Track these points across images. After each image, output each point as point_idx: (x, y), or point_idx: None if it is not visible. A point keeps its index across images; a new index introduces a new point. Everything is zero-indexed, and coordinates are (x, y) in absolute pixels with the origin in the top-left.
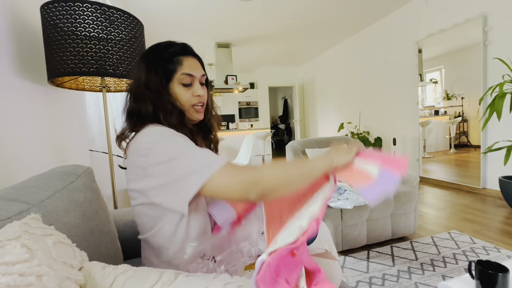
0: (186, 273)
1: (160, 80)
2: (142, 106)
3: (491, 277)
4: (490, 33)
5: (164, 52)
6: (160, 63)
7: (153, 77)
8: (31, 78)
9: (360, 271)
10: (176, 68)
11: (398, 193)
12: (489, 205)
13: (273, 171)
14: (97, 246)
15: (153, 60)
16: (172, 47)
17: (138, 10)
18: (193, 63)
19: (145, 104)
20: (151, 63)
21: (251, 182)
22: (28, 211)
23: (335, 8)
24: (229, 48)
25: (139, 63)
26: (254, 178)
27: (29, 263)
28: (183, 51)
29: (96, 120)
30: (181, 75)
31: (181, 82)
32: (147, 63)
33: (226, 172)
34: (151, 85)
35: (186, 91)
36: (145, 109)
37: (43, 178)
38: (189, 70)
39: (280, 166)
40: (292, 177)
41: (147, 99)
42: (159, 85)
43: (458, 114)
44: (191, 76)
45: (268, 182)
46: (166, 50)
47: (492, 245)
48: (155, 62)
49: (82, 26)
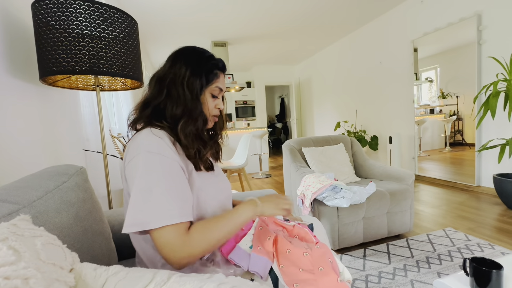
0: (180, 273)
1: (201, 85)
2: (172, 105)
3: (485, 274)
4: (484, 32)
5: (208, 62)
6: (204, 71)
7: (197, 80)
8: (22, 77)
9: (356, 269)
10: (213, 80)
11: (394, 191)
12: (484, 202)
13: (205, 240)
14: (90, 246)
15: (198, 65)
16: (214, 60)
17: (133, 8)
18: (223, 79)
19: (176, 103)
20: (196, 67)
21: (182, 257)
22: (18, 212)
23: (331, 7)
24: (225, 47)
25: (178, 59)
26: (186, 254)
27: (15, 266)
28: (222, 67)
29: (90, 120)
30: (215, 87)
31: (212, 93)
32: (191, 65)
33: (178, 233)
34: (191, 87)
35: (212, 102)
36: (172, 107)
37: (35, 178)
38: (221, 85)
39: (211, 231)
40: (220, 237)
41: (181, 99)
42: (198, 89)
43: (453, 113)
44: (220, 90)
45: (198, 253)
46: (209, 60)
47: (487, 242)
48: (200, 67)
49: (74, 23)
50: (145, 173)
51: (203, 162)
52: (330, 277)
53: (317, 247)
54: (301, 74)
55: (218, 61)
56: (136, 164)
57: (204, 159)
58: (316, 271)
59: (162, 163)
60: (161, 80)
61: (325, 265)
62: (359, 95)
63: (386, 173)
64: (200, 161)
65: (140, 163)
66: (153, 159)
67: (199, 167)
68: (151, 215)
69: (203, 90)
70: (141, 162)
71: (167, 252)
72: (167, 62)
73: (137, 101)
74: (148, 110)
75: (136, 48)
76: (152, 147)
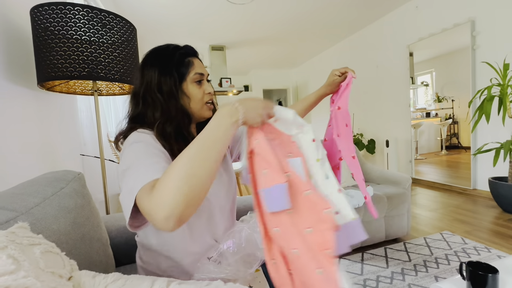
0: (179, 280)
1: (174, 81)
2: (150, 111)
3: (481, 278)
4: (478, 38)
5: (174, 54)
6: (173, 65)
7: (168, 79)
8: (20, 82)
9: (354, 274)
10: (189, 69)
11: (391, 194)
12: (480, 205)
13: (170, 181)
14: (88, 253)
15: (164, 62)
16: (180, 49)
17: (131, 13)
18: (200, 63)
19: (153, 109)
20: (163, 66)
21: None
22: (16, 219)
23: (328, 12)
24: (223, 51)
25: (146, 67)
26: (161, 212)
27: (15, 275)
28: (193, 53)
29: (88, 124)
30: (194, 74)
31: (195, 81)
32: (158, 66)
33: (144, 195)
34: (164, 88)
35: (199, 89)
36: (152, 114)
37: (32, 184)
38: (199, 69)
39: (175, 168)
40: (196, 168)
41: (157, 103)
42: (173, 87)
43: (449, 116)
44: (201, 75)
45: (174, 204)
46: (175, 52)
47: (483, 246)
48: (167, 64)
49: (73, 29)
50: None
51: None
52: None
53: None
54: (299, 78)
55: (185, 49)
56: (124, 154)
57: None
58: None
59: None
60: (136, 94)
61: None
62: (356, 99)
63: (383, 177)
64: None
65: (126, 152)
66: (136, 145)
67: None
68: (134, 183)
69: (181, 84)
70: (128, 150)
71: (149, 220)
72: (138, 74)
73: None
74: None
75: (135, 53)
76: (138, 137)
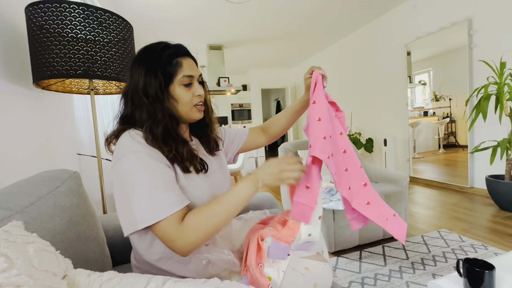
0: (175, 278)
1: (160, 84)
2: (138, 113)
3: (478, 275)
4: (475, 37)
5: (162, 54)
6: (159, 66)
7: (153, 81)
8: (15, 81)
9: (352, 272)
10: (176, 71)
11: (389, 193)
12: (477, 203)
13: (201, 227)
14: (84, 252)
15: (151, 63)
16: (169, 49)
17: (128, 12)
18: (191, 64)
19: (140, 111)
20: (149, 67)
21: (182, 246)
22: (10, 218)
23: (326, 11)
24: (221, 50)
25: (134, 67)
26: (185, 243)
27: (7, 273)
28: (182, 53)
29: (84, 123)
30: (182, 77)
31: (182, 84)
32: (145, 67)
33: (171, 225)
34: (149, 90)
35: (187, 92)
36: (140, 116)
37: (27, 183)
38: (189, 71)
39: (207, 218)
40: (218, 222)
41: (143, 106)
42: (159, 90)
43: (446, 115)
44: (191, 77)
45: (197, 241)
46: (163, 52)
47: (480, 243)
48: (153, 65)
49: (69, 27)
50: (130, 173)
51: (191, 163)
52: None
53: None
54: (297, 77)
55: (175, 49)
56: (121, 166)
57: (190, 160)
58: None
59: (146, 159)
60: (125, 94)
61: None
62: (354, 98)
63: (381, 175)
64: (188, 163)
65: (125, 163)
66: (138, 157)
67: (187, 169)
68: (138, 216)
69: (168, 86)
70: (126, 163)
71: (167, 243)
72: (128, 73)
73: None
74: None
75: (132, 52)
76: (134, 147)
